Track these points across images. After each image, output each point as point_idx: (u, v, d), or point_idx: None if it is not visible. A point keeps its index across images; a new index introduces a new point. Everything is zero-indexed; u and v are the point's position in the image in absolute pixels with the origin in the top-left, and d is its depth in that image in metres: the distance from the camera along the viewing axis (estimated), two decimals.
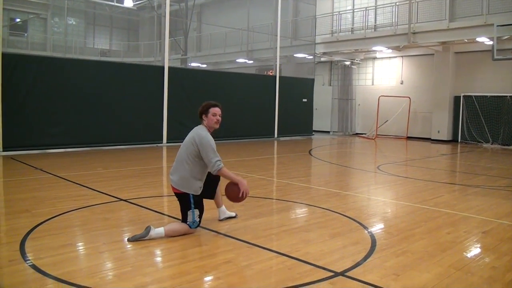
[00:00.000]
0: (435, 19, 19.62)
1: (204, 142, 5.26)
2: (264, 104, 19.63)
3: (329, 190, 8.54)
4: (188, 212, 5.27)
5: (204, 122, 5.49)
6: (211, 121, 5.46)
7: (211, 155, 5.24)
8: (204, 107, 5.51)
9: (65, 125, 13.49)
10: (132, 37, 36.54)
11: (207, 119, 5.47)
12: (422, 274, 4.26)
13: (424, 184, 9.50)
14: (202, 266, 4.44)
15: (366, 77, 24.95)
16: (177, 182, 5.33)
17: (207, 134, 5.39)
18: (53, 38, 30.78)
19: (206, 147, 5.24)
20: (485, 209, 7.24)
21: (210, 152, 5.24)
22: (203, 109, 5.50)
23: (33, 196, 7.34)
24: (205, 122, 5.49)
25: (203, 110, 5.50)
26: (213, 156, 5.24)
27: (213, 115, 5.45)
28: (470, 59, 20.34)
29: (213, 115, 5.46)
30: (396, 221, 6.42)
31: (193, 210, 5.28)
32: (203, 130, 5.42)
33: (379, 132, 22.81)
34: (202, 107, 5.52)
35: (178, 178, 5.33)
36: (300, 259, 4.58)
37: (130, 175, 9.88)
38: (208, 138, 5.31)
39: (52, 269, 4.13)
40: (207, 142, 5.27)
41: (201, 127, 5.48)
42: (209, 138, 5.33)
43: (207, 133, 5.41)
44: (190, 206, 5.27)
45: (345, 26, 23.79)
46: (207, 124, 5.48)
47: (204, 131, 5.42)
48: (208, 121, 5.47)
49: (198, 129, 5.46)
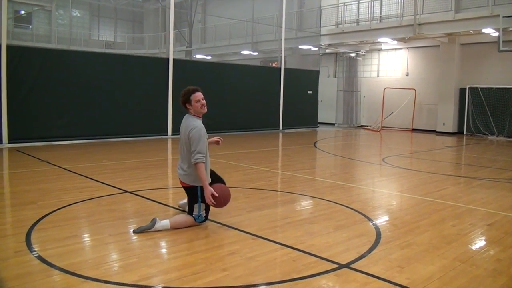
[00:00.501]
0: (441, 10, 19.48)
1: (194, 131, 5.21)
2: (269, 96, 19.61)
3: (334, 182, 8.54)
4: (195, 205, 5.29)
5: (190, 110, 5.41)
6: (196, 108, 5.38)
7: (195, 145, 5.18)
8: (185, 95, 5.39)
9: (70, 117, 13.52)
10: (136, 29, 36.49)
11: (192, 107, 5.39)
12: (427, 266, 4.26)
13: (429, 176, 9.48)
14: (207, 257, 4.45)
15: (372, 68, 24.84)
16: (184, 176, 5.36)
17: (197, 123, 5.31)
18: (58, 30, 30.79)
19: (194, 137, 5.20)
20: (490, 201, 7.22)
21: (195, 142, 5.19)
22: (184, 98, 5.39)
23: (39, 188, 7.38)
24: (191, 110, 5.41)
25: (184, 99, 5.39)
26: (197, 147, 5.18)
27: (196, 102, 5.36)
28: (476, 50, 20.22)
29: (197, 102, 5.36)
30: (401, 213, 6.42)
31: (200, 203, 5.29)
32: (193, 120, 5.35)
33: (384, 124, 22.75)
34: (182, 96, 5.40)
35: (185, 172, 5.35)
36: (304, 251, 4.59)
37: (135, 167, 9.90)
38: (197, 129, 5.24)
39: (57, 260, 4.16)
40: (197, 131, 5.21)
41: (190, 117, 5.41)
42: (199, 128, 5.25)
43: (197, 121, 5.33)
44: (197, 199, 5.28)
45: (350, 17, 23.64)
46: (194, 111, 5.40)
47: (194, 120, 5.35)
48: (194, 109, 5.39)
49: (188, 120, 5.40)
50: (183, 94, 5.42)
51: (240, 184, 8.09)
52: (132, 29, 36.56)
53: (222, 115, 17.24)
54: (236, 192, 7.28)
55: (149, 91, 15.33)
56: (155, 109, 15.53)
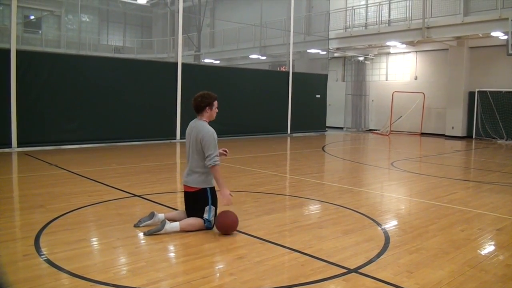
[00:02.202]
0: (450, 14, 19.40)
1: (208, 136, 5.20)
2: (278, 100, 19.61)
3: (342, 187, 8.52)
4: (205, 208, 5.28)
5: (206, 114, 5.37)
6: (214, 114, 5.43)
7: (212, 149, 5.19)
8: (210, 98, 5.36)
9: (79, 121, 13.60)
10: (145, 33, 36.68)
11: (211, 111, 5.39)
12: (436, 271, 4.23)
13: (438, 180, 9.43)
14: (215, 262, 4.46)
15: (380, 72, 24.79)
16: (193, 180, 5.32)
17: (209, 127, 5.29)
18: (67, 35, 31.00)
19: (209, 141, 5.20)
20: (499, 206, 7.17)
21: (212, 146, 5.19)
22: (209, 100, 5.34)
23: (48, 191, 7.42)
24: (207, 114, 5.38)
25: (209, 101, 5.34)
26: (214, 151, 5.20)
27: (216, 108, 5.42)
28: (485, 54, 20.12)
29: (216, 108, 5.43)
30: (409, 218, 6.39)
31: (210, 206, 5.29)
32: (204, 124, 5.32)
33: (393, 128, 22.67)
34: (207, 98, 5.34)
35: (195, 177, 5.32)
36: (313, 255, 4.57)
37: (144, 171, 9.93)
38: (212, 132, 5.24)
39: (66, 263, 4.18)
40: (211, 136, 5.22)
41: (200, 121, 5.36)
42: (212, 132, 5.26)
43: (208, 126, 5.31)
44: (208, 201, 5.28)
45: (358, 21, 23.63)
46: (209, 116, 5.40)
47: (205, 124, 5.32)
48: (211, 113, 5.40)
49: (198, 124, 5.35)
50: (208, 96, 5.37)
51: (248, 188, 8.10)
52: (141, 33, 36.75)
53: (231, 119, 17.25)
54: (244, 196, 7.30)
55: (157, 96, 15.39)
56: (163, 113, 15.58)
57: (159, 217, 5.43)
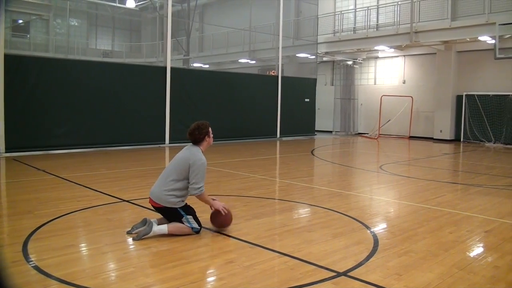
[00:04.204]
0: (437, 18, 19.57)
1: (200, 163, 5.20)
2: (267, 104, 19.64)
3: (331, 190, 8.54)
4: (182, 220, 5.25)
5: (205, 143, 5.41)
6: (211, 140, 5.48)
7: (199, 180, 5.18)
8: (206, 128, 5.38)
9: (67, 126, 13.51)
10: (134, 37, 36.55)
11: (209, 139, 5.43)
12: (425, 273, 4.26)
13: (426, 183, 9.49)
14: (205, 266, 4.45)
15: (368, 76, 24.91)
16: (160, 197, 5.22)
17: (203, 157, 5.30)
18: (55, 39, 30.81)
19: (199, 171, 5.18)
20: (487, 208, 7.23)
21: (200, 175, 5.19)
22: (205, 130, 5.37)
23: (36, 197, 7.37)
24: (206, 143, 5.42)
25: (206, 131, 5.37)
26: (201, 181, 5.20)
27: (212, 135, 5.47)
28: (472, 58, 20.30)
29: (212, 135, 5.47)
30: (398, 220, 6.43)
31: (186, 216, 5.27)
32: (199, 152, 5.33)
33: (382, 132, 22.78)
34: (203, 128, 5.36)
35: (167, 198, 5.21)
36: (302, 259, 4.58)
37: (133, 176, 9.89)
38: (204, 161, 5.26)
39: (55, 270, 4.15)
40: (203, 164, 5.23)
41: (195, 148, 5.36)
42: (204, 161, 5.27)
43: (202, 155, 5.32)
44: (181, 214, 5.26)
45: (347, 25, 23.75)
46: (207, 144, 5.44)
47: (200, 152, 5.33)
48: (208, 142, 5.44)
49: (193, 150, 5.34)
50: (204, 126, 5.38)
51: (238, 192, 8.09)
52: (130, 38, 36.61)
53: (220, 124, 17.23)
54: (234, 201, 7.29)
55: (146, 100, 15.34)
56: (152, 117, 15.53)
57: (150, 222, 5.39)
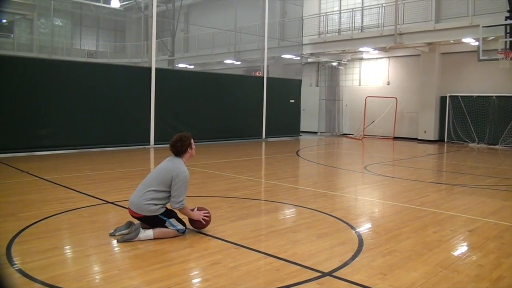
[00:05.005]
0: (422, 20, 19.73)
1: (183, 177, 5.19)
2: (252, 105, 19.64)
3: (316, 191, 8.57)
4: (165, 225, 5.24)
5: (187, 155, 5.41)
6: (193, 152, 5.48)
7: (181, 193, 5.18)
8: (188, 139, 5.37)
9: (52, 127, 13.38)
10: (119, 38, 36.33)
11: (192, 150, 5.43)
12: (409, 273, 4.29)
13: (410, 183, 9.56)
14: (190, 268, 4.44)
15: (353, 77, 25.04)
16: (140, 207, 5.16)
17: (186, 169, 5.30)
18: (40, 39, 30.52)
19: (183, 184, 5.19)
20: (471, 207, 7.30)
21: (182, 189, 5.19)
22: (188, 141, 5.36)
23: (20, 199, 7.29)
24: (188, 154, 5.42)
25: (188, 143, 5.36)
26: (182, 195, 5.19)
27: (194, 146, 5.47)
28: (456, 59, 20.50)
29: (194, 146, 5.48)
30: (383, 220, 6.46)
31: (169, 220, 5.26)
32: (182, 164, 5.32)
33: (366, 133, 22.90)
34: (186, 140, 5.35)
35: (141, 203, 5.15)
36: (287, 259, 4.59)
37: (118, 177, 9.83)
38: (187, 175, 5.25)
39: (39, 273, 4.11)
40: (186, 178, 5.22)
41: (178, 160, 5.35)
42: (187, 175, 5.26)
43: (185, 167, 5.32)
44: (163, 220, 5.24)
45: (332, 27, 23.86)
46: (189, 156, 5.44)
47: (183, 164, 5.33)
48: (191, 153, 5.44)
49: (176, 161, 5.33)
50: (186, 138, 5.37)
51: (223, 193, 8.08)
52: (114, 38, 36.40)
53: (205, 124, 17.27)
54: (219, 202, 7.29)
55: (131, 101, 15.26)
56: (137, 118, 15.44)
57: (136, 227, 5.34)
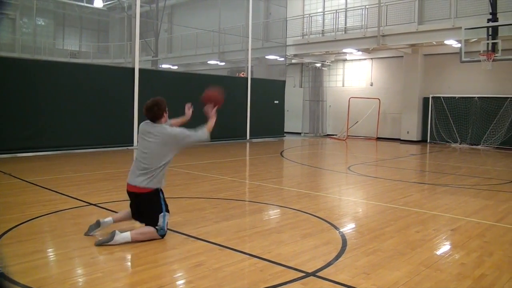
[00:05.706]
0: (405, 22, 19.90)
1: (176, 131, 5.35)
2: (236, 106, 19.60)
3: (300, 191, 8.59)
4: (159, 215, 5.16)
5: (163, 119, 5.43)
6: (167, 118, 5.56)
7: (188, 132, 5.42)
8: (164, 103, 5.43)
9: (34, 128, 13.21)
10: (102, 38, 36.03)
11: (166, 115, 5.48)
12: (393, 272, 4.32)
13: (393, 183, 9.63)
14: (174, 270, 4.42)
15: (337, 78, 25.14)
16: (145, 181, 5.16)
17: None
18: (22, 39, 30.16)
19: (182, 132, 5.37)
20: (453, 207, 7.38)
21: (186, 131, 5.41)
22: (164, 105, 5.41)
23: (1, 201, 7.19)
24: (163, 119, 5.44)
25: (164, 106, 5.41)
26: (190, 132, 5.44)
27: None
28: (439, 61, 20.71)
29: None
30: (366, 220, 6.50)
31: (165, 213, 5.20)
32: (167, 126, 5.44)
33: (350, 133, 23.00)
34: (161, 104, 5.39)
35: (146, 178, 5.17)
36: (271, 260, 4.59)
37: (101, 178, 9.76)
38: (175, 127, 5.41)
39: (21, 276, 4.05)
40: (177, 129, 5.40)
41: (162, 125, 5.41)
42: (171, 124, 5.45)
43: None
44: (161, 208, 5.19)
45: (315, 28, 23.94)
46: (164, 121, 5.47)
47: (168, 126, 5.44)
48: (166, 118, 5.49)
49: (162, 128, 5.37)
50: (161, 102, 5.41)
51: (207, 194, 8.07)
52: (97, 38, 36.08)
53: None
54: (203, 203, 7.28)
55: (114, 101, 15.15)
56: (120, 119, 15.33)
57: (107, 221, 5.32)
